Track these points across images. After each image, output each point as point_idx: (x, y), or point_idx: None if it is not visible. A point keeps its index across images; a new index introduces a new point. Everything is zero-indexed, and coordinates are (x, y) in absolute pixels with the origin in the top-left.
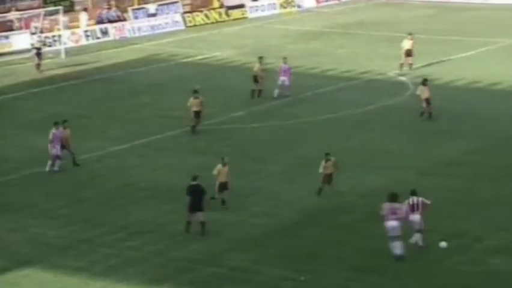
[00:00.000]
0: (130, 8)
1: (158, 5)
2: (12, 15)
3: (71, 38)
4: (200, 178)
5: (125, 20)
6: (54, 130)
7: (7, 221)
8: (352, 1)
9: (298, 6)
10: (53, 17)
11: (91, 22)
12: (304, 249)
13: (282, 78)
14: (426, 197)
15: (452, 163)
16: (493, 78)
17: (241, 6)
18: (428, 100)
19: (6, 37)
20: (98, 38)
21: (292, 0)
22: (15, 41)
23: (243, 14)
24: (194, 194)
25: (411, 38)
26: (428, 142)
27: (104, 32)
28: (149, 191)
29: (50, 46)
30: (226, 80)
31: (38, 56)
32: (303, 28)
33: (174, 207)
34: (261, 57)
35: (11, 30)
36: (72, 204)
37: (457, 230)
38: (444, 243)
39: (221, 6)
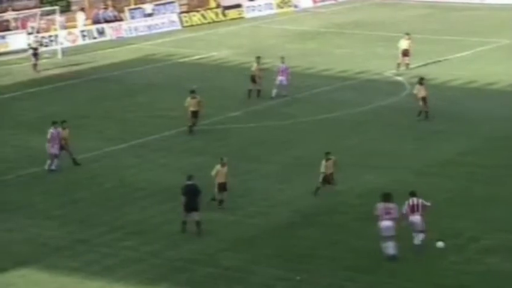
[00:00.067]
0: (126, 8)
1: (155, 5)
2: (9, 15)
3: (67, 38)
4: (196, 178)
5: (121, 20)
6: (52, 130)
7: (4, 221)
8: (348, 1)
9: (295, 6)
10: (49, 17)
11: (88, 22)
12: (300, 249)
13: (280, 78)
14: (425, 199)
15: (448, 163)
16: (489, 78)
17: (238, 6)
18: (424, 99)
19: (3, 37)
20: (94, 38)
21: (289, 0)
22: (12, 41)
23: (239, 14)
24: (189, 193)
25: (408, 37)
26: (424, 142)
27: (101, 32)
28: (146, 191)
29: (46, 46)
30: (223, 80)
31: (35, 56)
32: (299, 28)
33: (171, 207)
34: (258, 57)
35: (8, 30)
36: (68, 204)
37: (452, 229)
38: (441, 243)
39: (218, 6)
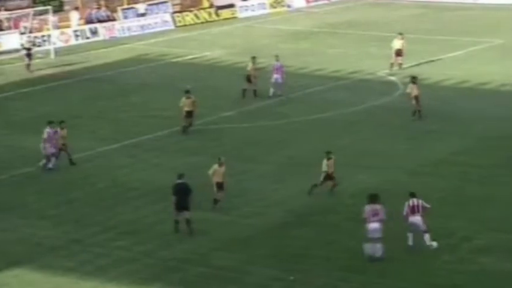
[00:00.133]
0: (119, 8)
1: (148, 5)
2: (1, 15)
3: (60, 38)
4: (189, 178)
5: (114, 19)
6: (48, 129)
7: None
8: (341, 1)
9: (288, 6)
10: (42, 17)
11: (81, 22)
12: (294, 249)
13: (275, 76)
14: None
15: (441, 163)
16: (482, 78)
17: (231, 6)
18: (417, 98)
19: None
20: (87, 38)
21: (282, 0)
22: (5, 41)
23: (232, 13)
24: (180, 192)
25: (402, 37)
26: (417, 142)
27: (94, 32)
28: (139, 191)
29: (39, 46)
30: (216, 80)
31: (29, 56)
32: (293, 28)
33: (164, 207)
34: (254, 57)
35: (0, 30)
36: (62, 204)
37: (445, 229)
38: (434, 243)
39: (211, 6)
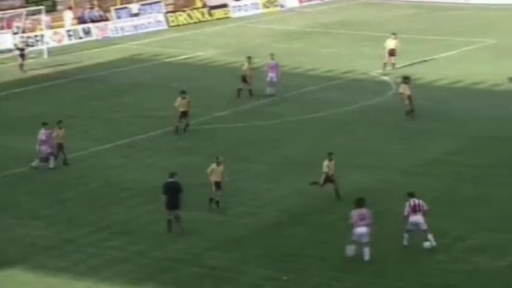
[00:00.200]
0: (112, 8)
1: (141, 5)
2: None
3: (53, 37)
4: (183, 178)
5: (107, 19)
6: (43, 131)
7: None
8: (334, 1)
9: (281, 6)
10: (35, 17)
11: (75, 21)
12: (288, 249)
13: (271, 75)
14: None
15: (435, 162)
16: (475, 78)
17: (224, 6)
18: (410, 98)
19: None
20: (80, 37)
21: (275, 0)
22: None
23: (226, 13)
24: (170, 191)
25: (395, 37)
26: (410, 142)
27: (87, 32)
28: (132, 191)
29: (32, 46)
30: (210, 80)
31: (22, 56)
32: (286, 28)
33: (157, 207)
34: (249, 56)
35: None
36: (55, 204)
37: (439, 229)
38: (428, 244)
39: (204, 5)
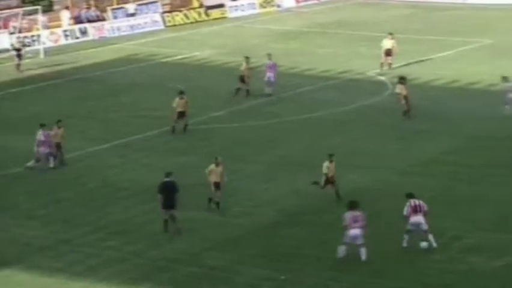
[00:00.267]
0: (109, 8)
1: (138, 5)
2: None
3: (50, 37)
4: (179, 177)
5: (104, 19)
6: (41, 132)
7: None
8: (331, 1)
9: (278, 6)
10: (31, 17)
11: (71, 21)
12: (285, 249)
13: (268, 75)
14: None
15: (431, 162)
16: (472, 78)
17: (221, 5)
18: (406, 98)
19: None
20: (77, 37)
21: (272, 0)
22: None
23: (222, 13)
24: (166, 190)
25: (392, 37)
26: (407, 141)
27: (84, 32)
28: (129, 191)
29: (28, 46)
30: (206, 80)
31: (19, 56)
32: (282, 28)
33: (153, 207)
34: (247, 56)
35: None
36: (52, 204)
37: (435, 228)
38: (425, 244)
39: (200, 5)
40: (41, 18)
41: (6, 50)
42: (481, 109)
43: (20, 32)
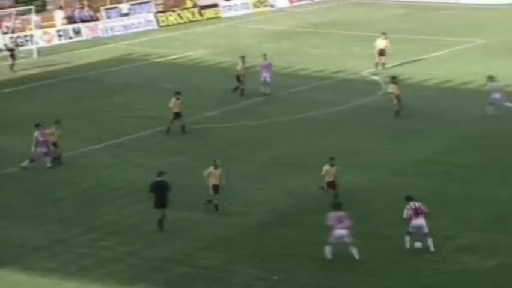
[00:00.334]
0: (102, 8)
1: (131, 5)
2: None
3: (43, 37)
4: (172, 177)
5: (97, 19)
6: (37, 133)
7: None
8: (324, 1)
9: (272, 6)
10: (25, 17)
11: (65, 21)
12: (278, 249)
13: (264, 75)
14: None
15: (424, 162)
16: (465, 78)
17: (215, 5)
18: (398, 97)
19: None
20: (70, 37)
21: (265, 0)
22: None
23: (216, 13)
24: (158, 189)
25: (385, 37)
26: (400, 141)
27: (77, 32)
28: (123, 191)
29: (22, 46)
30: (200, 80)
31: (12, 56)
32: (276, 28)
33: (147, 207)
34: (243, 56)
35: None
36: (45, 204)
37: (429, 228)
38: (418, 244)
39: (194, 5)
40: (34, 18)
41: (0, 50)
42: (473, 109)
43: (13, 32)
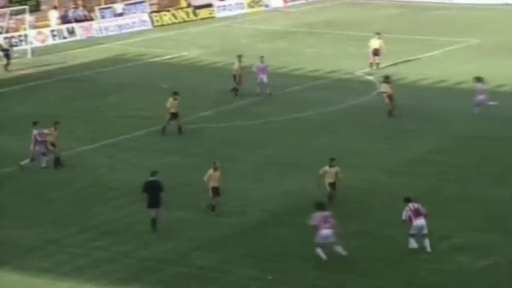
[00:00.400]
0: (97, 8)
1: (126, 5)
2: None
3: (37, 37)
4: (167, 178)
5: (92, 19)
6: (35, 132)
7: None
8: (319, 1)
9: (266, 6)
10: (19, 17)
11: (59, 21)
12: (273, 249)
13: (261, 76)
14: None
15: (418, 162)
16: (459, 78)
17: (209, 5)
18: (391, 97)
19: None
20: (65, 37)
21: (260, 0)
22: None
23: (210, 13)
24: (151, 189)
25: (379, 37)
26: (394, 141)
27: (71, 32)
28: (117, 191)
29: (16, 46)
30: (194, 80)
31: (7, 56)
32: (270, 28)
33: (142, 207)
34: (239, 55)
35: None
36: (40, 204)
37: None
38: (414, 244)
39: (188, 5)
40: (28, 18)
41: None
42: (468, 109)
43: (7, 32)
